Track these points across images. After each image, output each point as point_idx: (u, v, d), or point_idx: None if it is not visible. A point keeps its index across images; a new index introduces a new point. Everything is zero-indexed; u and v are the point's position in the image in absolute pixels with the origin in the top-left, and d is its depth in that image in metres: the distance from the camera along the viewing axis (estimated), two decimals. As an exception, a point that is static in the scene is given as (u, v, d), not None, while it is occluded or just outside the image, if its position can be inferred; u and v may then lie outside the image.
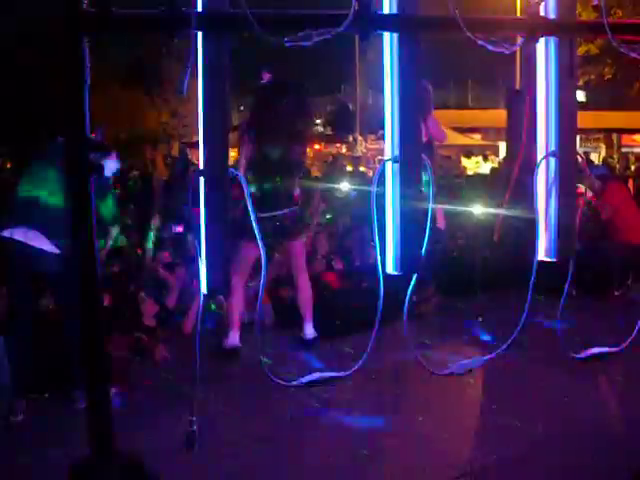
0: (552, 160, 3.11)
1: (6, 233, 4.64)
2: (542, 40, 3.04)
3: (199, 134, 2.88)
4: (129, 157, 24.75)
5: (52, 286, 5.01)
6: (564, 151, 3.10)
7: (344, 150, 29.92)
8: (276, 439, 4.30)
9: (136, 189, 12.78)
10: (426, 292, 7.21)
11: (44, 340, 4.95)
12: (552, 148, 3.10)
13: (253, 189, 5.47)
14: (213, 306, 6.41)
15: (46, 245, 4.61)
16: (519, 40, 3.02)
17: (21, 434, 4.41)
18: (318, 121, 39.83)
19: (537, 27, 3.00)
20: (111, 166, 5.02)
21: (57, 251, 4.61)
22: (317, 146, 32.71)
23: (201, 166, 2.88)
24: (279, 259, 6.62)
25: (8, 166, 18.74)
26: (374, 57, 3.11)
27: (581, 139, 27.56)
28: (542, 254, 3.19)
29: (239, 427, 4.42)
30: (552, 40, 3.04)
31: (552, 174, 3.12)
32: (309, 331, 6.01)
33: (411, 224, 3.02)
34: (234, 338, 5.79)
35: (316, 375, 3.53)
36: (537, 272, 3.18)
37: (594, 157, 25.30)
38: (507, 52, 2.94)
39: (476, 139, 28.37)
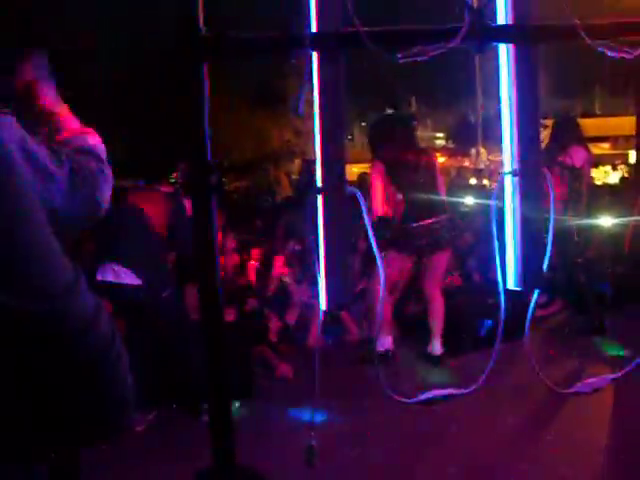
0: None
1: (98, 276, 4.87)
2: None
3: (316, 151, 2.90)
4: (255, 177, 25.37)
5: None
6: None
7: (466, 163, 29.59)
8: (394, 457, 4.27)
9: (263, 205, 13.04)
10: (552, 307, 7.08)
11: (171, 354, 5.10)
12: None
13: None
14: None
15: (135, 280, 4.85)
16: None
17: (146, 445, 4.52)
18: (440, 135, 39.59)
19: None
20: None
21: (138, 282, 4.85)
22: (441, 159, 32.58)
23: (319, 183, 2.90)
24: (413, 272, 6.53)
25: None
26: (492, 68, 3.06)
27: None
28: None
29: (357, 444, 4.41)
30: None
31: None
32: (437, 347, 5.95)
33: (532, 238, 2.94)
34: (386, 341, 5.87)
35: (435, 392, 3.47)
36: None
37: None
38: (629, 57, 2.82)
39: (604, 148, 27.46)
